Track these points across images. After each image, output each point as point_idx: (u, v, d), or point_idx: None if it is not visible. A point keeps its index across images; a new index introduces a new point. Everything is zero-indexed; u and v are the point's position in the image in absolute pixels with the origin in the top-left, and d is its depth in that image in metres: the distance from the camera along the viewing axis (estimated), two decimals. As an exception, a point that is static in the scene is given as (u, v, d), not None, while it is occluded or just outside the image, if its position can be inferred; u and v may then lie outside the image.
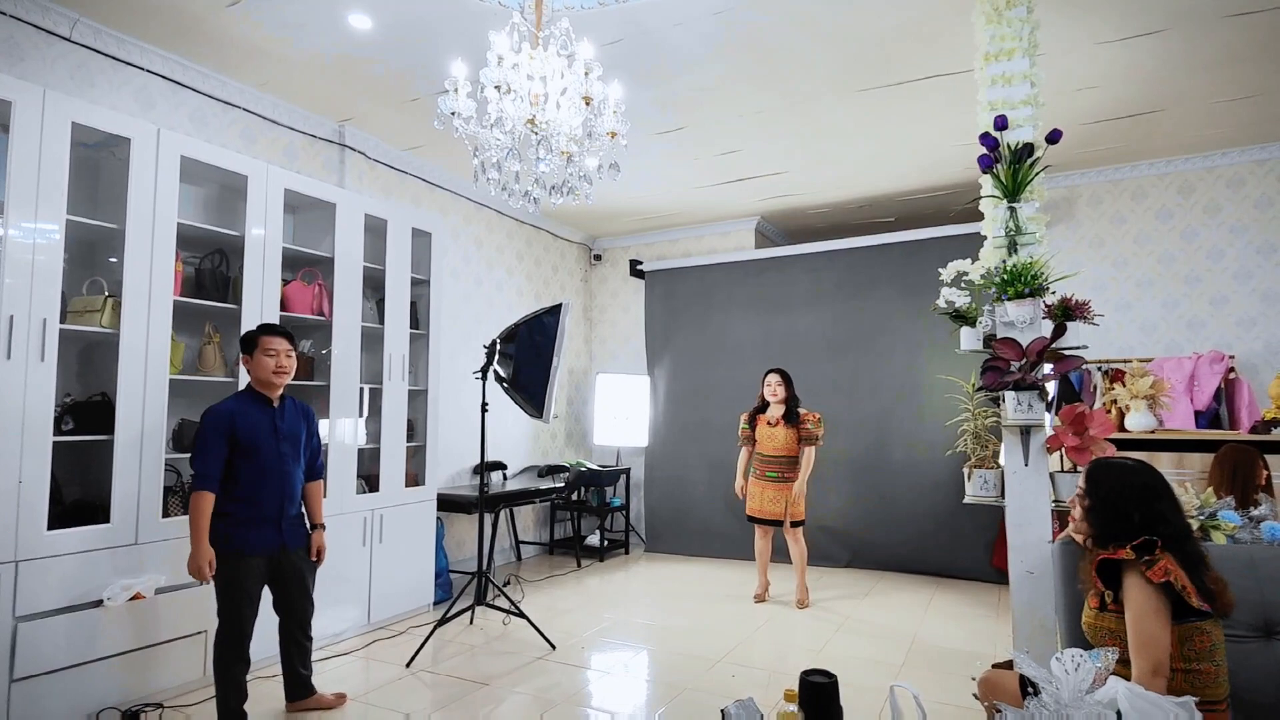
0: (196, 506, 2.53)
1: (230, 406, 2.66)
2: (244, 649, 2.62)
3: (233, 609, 2.60)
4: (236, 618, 2.60)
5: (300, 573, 2.81)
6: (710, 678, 3.22)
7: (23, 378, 2.54)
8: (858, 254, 5.63)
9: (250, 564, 2.63)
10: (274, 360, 2.70)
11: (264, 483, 2.66)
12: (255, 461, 2.64)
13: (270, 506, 2.68)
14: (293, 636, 2.84)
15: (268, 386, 2.73)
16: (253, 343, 2.71)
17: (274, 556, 2.71)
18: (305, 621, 2.86)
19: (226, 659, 2.60)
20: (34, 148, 2.60)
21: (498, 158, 2.13)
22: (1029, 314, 2.54)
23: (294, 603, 2.81)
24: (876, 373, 5.46)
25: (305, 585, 2.83)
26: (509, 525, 5.77)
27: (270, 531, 2.68)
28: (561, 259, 6.64)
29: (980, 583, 4.92)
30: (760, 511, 4.45)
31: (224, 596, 2.61)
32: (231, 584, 2.59)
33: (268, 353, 2.70)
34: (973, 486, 2.78)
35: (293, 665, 2.85)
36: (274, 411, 2.74)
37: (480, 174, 2.19)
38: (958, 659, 3.43)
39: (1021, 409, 2.49)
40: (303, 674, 2.86)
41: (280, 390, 2.78)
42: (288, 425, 2.77)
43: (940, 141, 4.55)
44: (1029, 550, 2.58)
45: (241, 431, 2.62)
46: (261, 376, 2.70)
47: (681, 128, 4.33)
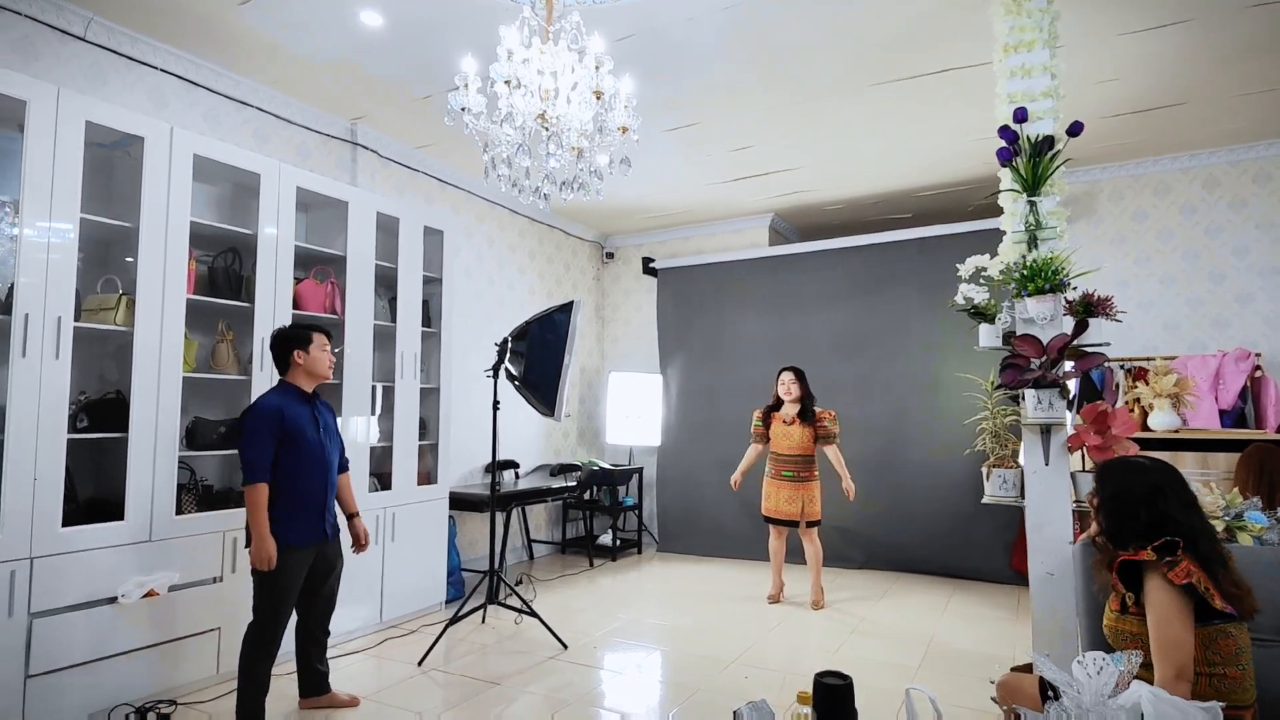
0: (254, 499, 2.56)
1: (276, 401, 2.69)
2: (276, 643, 2.64)
3: (274, 602, 2.62)
4: (276, 611, 2.63)
5: (332, 567, 2.85)
6: (723, 679, 3.19)
7: (37, 375, 2.56)
8: (873, 251, 5.57)
9: (297, 556, 2.67)
10: (328, 355, 2.81)
11: (311, 475, 2.72)
12: (302, 455, 2.69)
13: (317, 498, 2.73)
14: (311, 632, 2.86)
15: (316, 381, 2.81)
16: (307, 340, 2.77)
17: (317, 548, 2.75)
18: (326, 617, 2.89)
19: (257, 652, 2.60)
20: (48, 146, 2.61)
21: (508, 154, 2.11)
22: (1050, 310, 2.49)
23: (321, 597, 2.84)
24: (892, 371, 5.40)
25: (335, 579, 2.88)
26: (521, 524, 5.76)
27: (316, 522, 2.73)
28: (574, 257, 6.63)
29: (999, 585, 4.85)
30: (776, 512, 4.40)
31: (267, 590, 2.62)
32: (277, 578, 2.61)
33: (323, 348, 2.80)
34: (991, 486, 2.73)
35: (309, 661, 2.87)
36: (312, 406, 2.81)
37: (490, 170, 2.17)
38: (975, 662, 3.37)
39: (1042, 407, 2.44)
40: (319, 670, 2.88)
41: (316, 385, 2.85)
42: (324, 419, 2.85)
43: (956, 137, 4.49)
44: (1049, 551, 2.53)
45: (289, 425, 2.67)
46: (319, 371, 2.79)
47: (693, 124, 4.30)
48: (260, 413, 2.64)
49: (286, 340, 2.77)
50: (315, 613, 2.85)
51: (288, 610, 2.68)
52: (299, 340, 2.76)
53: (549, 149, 2.05)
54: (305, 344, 2.76)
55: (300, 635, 2.86)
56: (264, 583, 2.62)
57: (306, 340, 2.76)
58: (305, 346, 2.76)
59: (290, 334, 2.78)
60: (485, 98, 2.12)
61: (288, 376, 2.78)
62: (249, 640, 2.61)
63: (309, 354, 2.76)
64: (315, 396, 2.85)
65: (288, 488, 2.66)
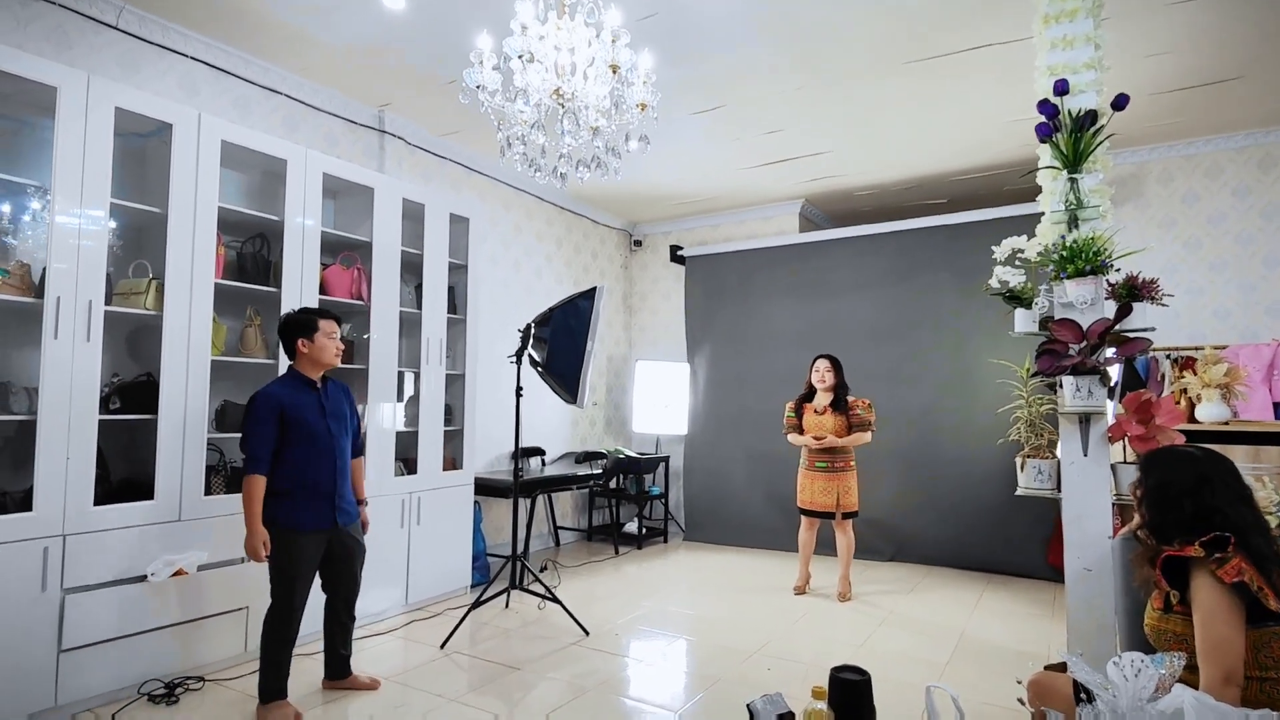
0: (249, 490, 2.56)
1: (276, 389, 2.68)
2: (293, 627, 2.65)
3: (286, 586, 2.63)
4: (288, 594, 2.63)
5: (351, 551, 2.84)
6: (745, 670, 3.14)
7: (69, 357, 2.61)
8: (906, 237, 5.42)
9: (305, 541, 2.66)
10: (333, 343, 2.76)
11: (317, 462, 2.70)
12: (308, 441, 2.67)
13: (324, 484, 2.70)
14: (337, 616, 2.88)
15: (322, 369, 2.77)
16: (312, 326, 2.72)
17: (328, 534, 2.74)
18: (351, 601, 2.90)
19: (275, 635, 2.62)
20: (79, 133, 2.65)
21: (522, 131, 2.07)
22: (1090, 293, 2.37)
23: (342, 582, 2.84)
24: (924, 360, 5.26)
25: (354, 564, 2.86)
26: (547, 511, 5.77)
27: (325, 509, 2.71)
28: (601, 245, 6.59)
29: (1034, 580, 4.71)
30: (811, 504, 4.32)
31: (278, 574, 2.64)
32: (286, 562, 2.62)
33: (330, 335, 2.75)
34: (1026, 477, 2.62)
35: (333, 644, 2.89)
36: (319, 393, 2.77)
37: (506, 149, 2.14)
38: (1007, 659, 3.27)
39: (1081, 395, 2.33)
40: (342, 654, 2.90)
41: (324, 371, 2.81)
42: (333, 404, 2.80)
43: (993, 117, 4.32)
44: (1087, 546, 2.42)
45: (291, 412, 2.65)
46: (324, 359, 2.74)
47: (720, 106, 4.21)
48: (259, 402, 2.62)
49: (292, 327, 2.73)
50: (339, 597, 2.87)
51: (301, 595, 2.67)
52: (304, 327, 2.72)
53: (564, 126, 2.01)
54: (310, 331, 2.72)
55: (327, 618, 2.89)
56: (274, 567, 2.64)
57: (312, 327, 2.72)
58: (310, 334, 2.71)
59: (296, 320, 2.74)
60: (501, 75, 2.09)
61: (295, 363, 2.76)
62: (267, 623, 2.64)
63: (314, 341, 2.72)
64: (325, 382, 2.82)
65: (294, 474, 2.65)
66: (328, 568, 2.81)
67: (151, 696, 2.72)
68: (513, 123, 2.09)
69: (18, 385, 2.65)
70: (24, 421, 2.57)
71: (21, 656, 2.45)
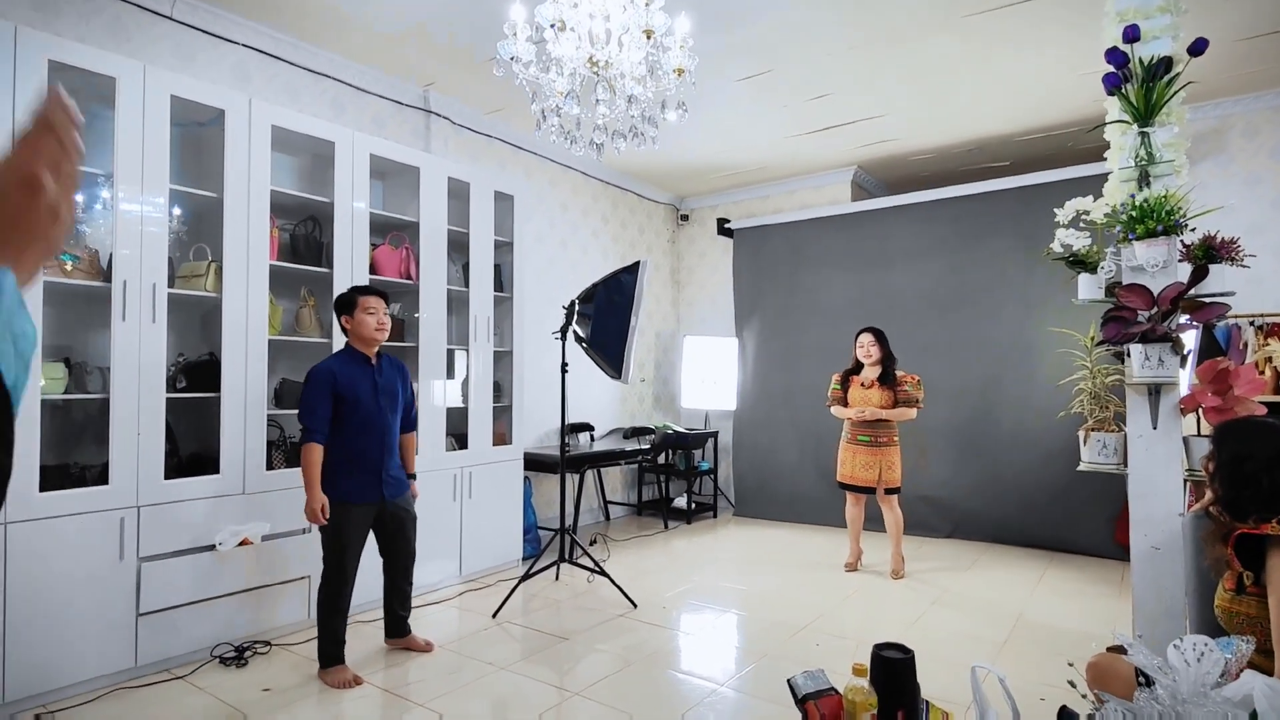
0: (307, 458, 2.69)
1: (331, 365, 2.80)
2: (345, 595, 2.77)
3: (336, 555, 2.76)
4: (339, 564, 2.76)
5: (401, 524, 2.95)
6: (793, 645, 3.12)
7: (137, 338, 2.74)
8: (965, 203, 5.19)
9: (355, 513, 2.78)
10: (374, 318, 2.83)
11: (366, 436, 2.80)
12: (358, 416, 2.78)
13: (373, 458, 2.81)
14: (394, 582, 3.02)
15: (368, 344, 2.85)
16: (352, 303, 2.82)
17: (376, 506, 2.84)
18: (407, 569, 3.03)
19: (328, 604, 2.76)
20: (137, 121, 2.75)
21: (556, 102, 2.04)
22: (1161, 256, 2.22)
23: (397, 550, 2.98)
24: (984, 332, 5.06)
25: (406, 536, 2.98)
26: (597, 486, 5.83)
27: (372, 482, 2.82)
28: (648, 220, 6.54)
29: (1101, 559, 4.52)
30: (852, 478, 4.23)
31: (329, 543, 2.77)
32: (337, 532, 2.75)
33: (368, 311, 2.82)
34: (1089, 452, 2.50)
35: (392, 607, 3.05)
36: (373, 369, 2.88)
37: (541, 121, 2.12)
38: (1070, 640, 3.15)
39: (1150, 364, 2.19)
40: (400, 615, 3.06)
41: (378, 347, 2.91)
42: (385, 380, 2.90)
43: (1062, 69, 4.06)
44: (1155, 524, 2.30)
45: (344, 387, 2.76)
46: (364, 334, 2.82)
47: (766, 71, 4.08)
48: (314, 376, 2.75)
49: (338, 305, 2.89)
50: (396, 566, 3.01)
51: (351, 566, 2.79)
52: (346, 305, 2.84)
53: (599, 95, 1.97)
54: (351, 308, 2.82)
55: (386, 583, 3.04)
56: (325, 537, 2.78)
57: (352, 304, 2.82)
58: (351, 311, 2.82)
59: (341, 299, 2.87)
60: (535, 45, 2.06)
61: (348, 340, 2.89)
62: (320, 592, 2.78)
63: (354, 318, 2.82)
64: (379, 358, 2.92)
65: (343, 447, 2.77)
66: (381, 538, 2.95)
67: (223, 659, 2.87)
68: (548, 94, 2.06)
69: (92, 365, 2.80)
70: (99, 400, 2.72)
71: (104, 620, 2.62)
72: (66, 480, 2.66)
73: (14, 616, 2.41)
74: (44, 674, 2.48)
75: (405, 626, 3.06)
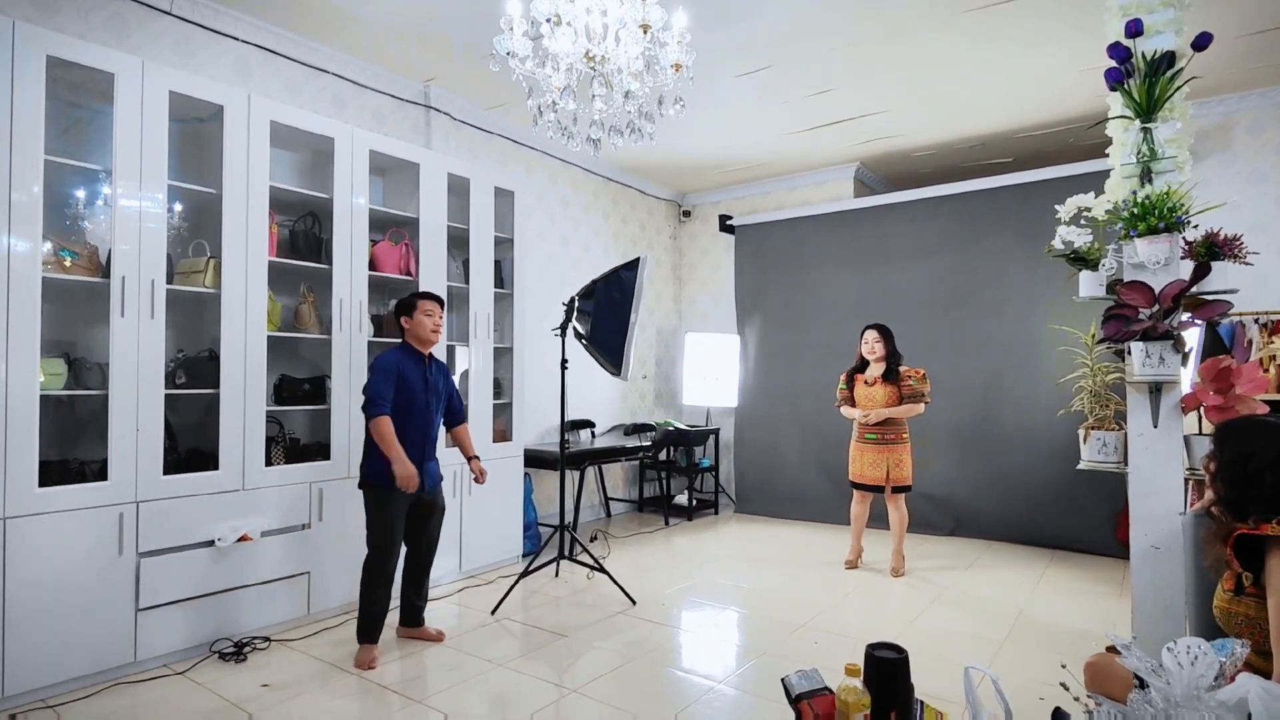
0: (381, 430, 2.83)
1: (396, 356, 2.95)
2: (392, 567, 2.94)
3: (383, 534, 2.91)
4: (387, 540, 2.91)
5: (431, 511, 3.10)
6: (792, 643, 3.11)
7: (135, 334, 2.74)
8: (968, 199, 5.16)
9: (398, 498, 2.90)
10: (431, 320, 3.03)
11: (413, 428, 2.97)
12: (408, 408, 2.95)
13: (416, 449, 2.95)
14: (415, 571, 3.14)
15: (424, 344, 3.04)
16: (412, 306, 3.02)
17: (415, 494, 2.94)
18: (428, 560, 3.18)
19: (373, 579, 2.91)
20: (135, 117, 2.75)
21: (553, 97, 2.03)
22: (1163, 253, 2.20)
23: (422, 538, 3.11)
24: (986, 329, 5.04)
25: (433, 525, 3.13)
26: (598, 482, 5.82)
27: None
28: (649, 216, 6.52)
29: (1102, 557, 4.50)
30: (861, 477, 4.21)
31: (377, 524, 2.92)
32: (382, 514, 2.90)
33: (427, 314, 3.03)
34: (1089, 450, 2.48)
35: (409, 595, 3.15)
36: (425, 367, 3.04)
37: (538, 117, 2.11)
38: (1070, 639, 3.14)
39: (1151, 362, 2.17)
40: (416, 604, 3.16)
41: (431, 348, 3.08)
42: (434, 379, 3.08)
43: (1063, 68, 4.03)
44: (1155, 522, 2.28)
45: (402, 380, 2.93)
46: (421, 334, 3.02)
47: (767, 67, 4.06)
48: (383, 363, 2.91)
49: (398, 308, 3.06)
50: (419, 553, 3.13)
51: (397, 542, 2.94)
52: (406, 307, 3.03)
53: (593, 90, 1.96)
54: (410, 310, 3.01)
55: (406, 571, 3.14)
56: (373, 518, 2.91)
57: (412, 307, 3.02)
58: (410, 313, 3.01)
59: (402, 302, 3.05)
60: (531, 40, 2.05)
61: (404, 338, 3.04)
62: (366, 568, 2.92)
63: (413, 319, 3.01)
64: (430, 359, 3.08)
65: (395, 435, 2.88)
66: (411, 525, 3.06)
67: (222, 655, 2.88)
68: (544, 90, 2.05)
69: (91, 361, 2.80)
70: (98, 396, 2.72)
71: (104, 615, 2.63)
72: (66, 476, 2.67)
73: (13, 611, 2.42)
74: (43, 669, 2.49)
75: (420, 616, 3.17)
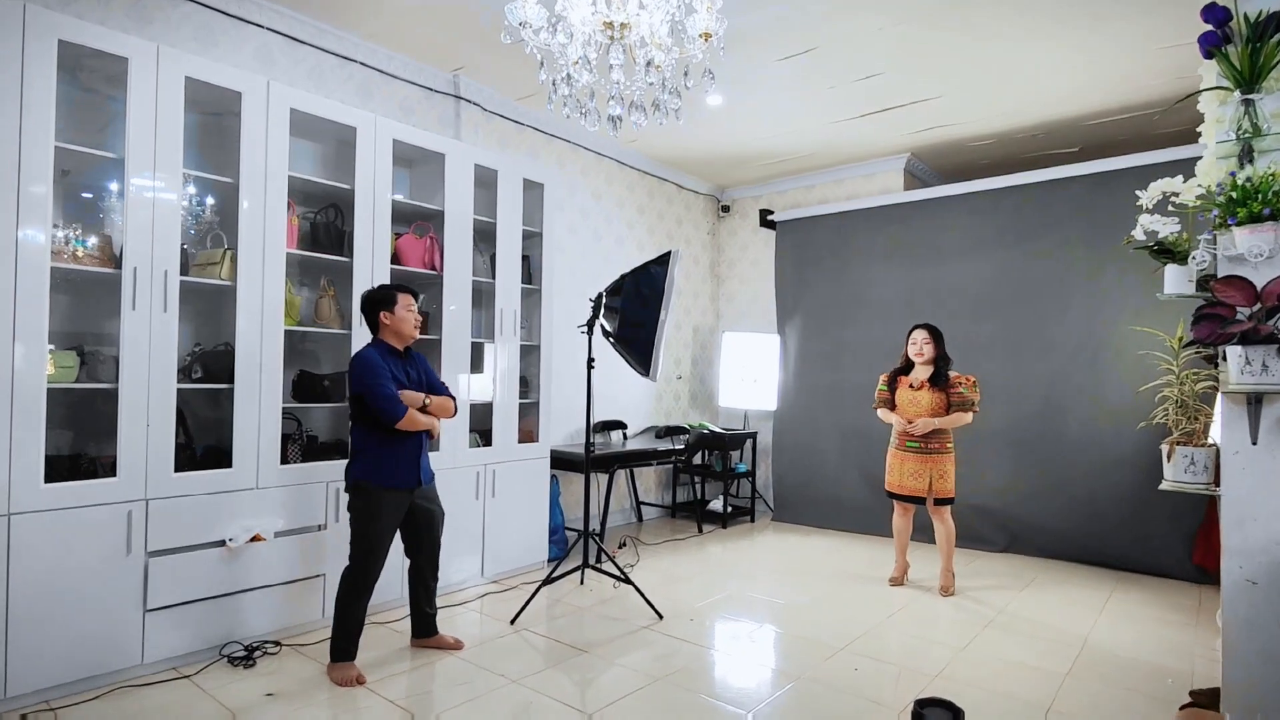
0: (412, 420, 2.70)
1: (379, 355, 2.76)
2: (371, 581, 2.73)
3: (369, 540, 2.72)
4: (371, 548, 2.72)
5: (431, 516, 2.94)
6: (829, 668, 2.87)
7: (147, 327, 2.66)
8: (1029, 191, 4.81)
9: (391, 497, 2.75)
10: (413, 315, 2.86)
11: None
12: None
13: (411, 445, 2.80)
14: (421, 575, 2.98)
15: (405, 340, 2.87)
16: (393, 300, 2.82)
17: (412, 493, 2.82)
18: (434, 561, 3.00)
19: (352, 591, 2.70)
20: (150, 104, 2.67)
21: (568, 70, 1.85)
22: (1268, 244, 1.91)
23: (425, 541, 2.94)
24: (1048, 330, 4.68)
25: (435, 529, 2.96)
26: (630, 486, 5.65)
27: (411, 468, 2.80)
28: (686, 211, 6.31)
29: (1174, 581, 4.12)
30: (900, 487, 3.94)
31: (363, 526, 2.72)
32: (371, 513, 2.71)
33: (409, 308, 2.85)
34: (1174, 469, 2.19)
35: (419, 603, 3.00)
36: (405, 362, 2.89)
37: (552, 93, 1.93)
38: (1141, 673, 2.82)
39: (1251, 370, 1.88)
40: (427, 612, 3.01)
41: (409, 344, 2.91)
42: (416, 375, 2.91)
43: (1139, 45, 3.68)
44: (1253, 554, 1.99)
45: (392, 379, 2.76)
46: (405, 330, 2.83)
47: (810, 50, 3.81)
48: (368, 358, 2.72)
49: (374, 302, 2.82)
50: (423, 557, 2.97)
51: (382, 552, 2.75)
52: (385, 301, 2.81)
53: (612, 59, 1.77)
54: (391, 305, 2.80)
55: (412, 578, 2.99)
56: (359, 518, 2.72)
57: (392, 301, 2.81)
58: (391, 307, 2.80)
59: (377, 295, 2.83)
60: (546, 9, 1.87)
61: (379, 335, 2.83)
62: (345, 580, 2.71)
63: (395, 314, 2.80)
64: (408, 353, 2.90)
65: (384, 435, 2.73)
66: (411, 529, 2.91)
67: (231, 659, 2.79)
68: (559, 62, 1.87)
69: (105, 355, 2.74)
70: (108, 390, 2.65)
71: (110, 616, 2.55)
72: (77, 472, 2.61)
73: (17, 610, 2.36)
74: (47, 670, 2.42)
75: (433, 625, 3.02)
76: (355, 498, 2.72)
